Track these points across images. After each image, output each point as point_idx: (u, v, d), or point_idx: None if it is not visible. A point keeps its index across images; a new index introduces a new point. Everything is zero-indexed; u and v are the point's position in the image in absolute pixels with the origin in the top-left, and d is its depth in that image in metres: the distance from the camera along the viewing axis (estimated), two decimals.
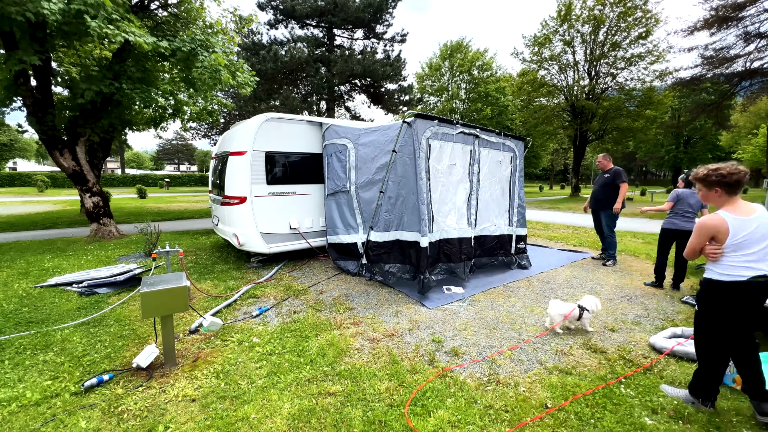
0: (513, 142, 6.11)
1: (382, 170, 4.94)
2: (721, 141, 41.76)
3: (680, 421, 2.31)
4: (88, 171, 8.11)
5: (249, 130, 5.58)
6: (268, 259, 6.11)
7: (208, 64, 6.92)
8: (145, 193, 21.69)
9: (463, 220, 5.23)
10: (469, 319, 3.89)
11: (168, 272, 4.58)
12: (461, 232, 5.14)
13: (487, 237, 5.65)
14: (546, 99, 26.42)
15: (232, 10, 9.03)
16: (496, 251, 5.81)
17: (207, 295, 4.52)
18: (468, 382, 2.71)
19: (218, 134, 26.60)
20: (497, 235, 5.81)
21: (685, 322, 3.87)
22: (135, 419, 2.28)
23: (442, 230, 4.90)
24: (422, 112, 4.84)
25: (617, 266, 6.16)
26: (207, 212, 13.62)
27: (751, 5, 15.07)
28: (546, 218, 13.81)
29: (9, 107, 7.98)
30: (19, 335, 3.39)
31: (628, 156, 58.49)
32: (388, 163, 4.81)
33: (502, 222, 5.92)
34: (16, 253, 6.64)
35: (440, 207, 4.89)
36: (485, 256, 5.68)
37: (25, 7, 5.11)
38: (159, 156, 74.72)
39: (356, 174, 5.39)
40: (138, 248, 7.12)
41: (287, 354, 3.10)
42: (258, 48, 20.56)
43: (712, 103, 21.88)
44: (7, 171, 40.47)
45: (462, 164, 5.21)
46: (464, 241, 5.14)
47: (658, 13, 21.40)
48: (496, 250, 5.81)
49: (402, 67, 22.65)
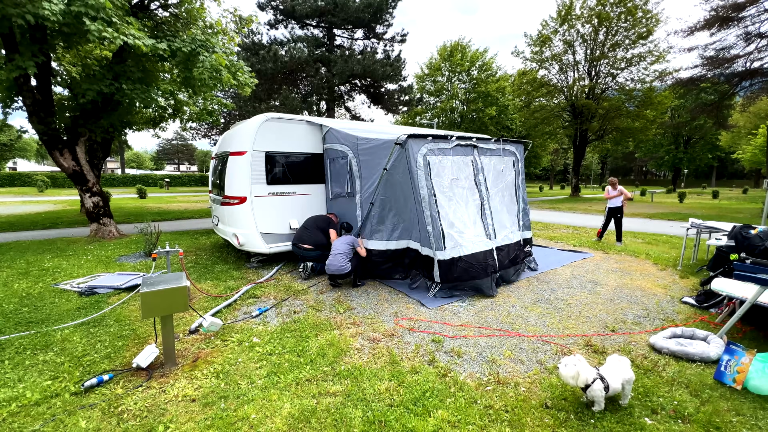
0: (513, 146, 6.01)
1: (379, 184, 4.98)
2: (721, 141, 41.73)
3: (680, 421, 2.31)
4: (88, 171, 8.11)
5: (249, 130, 5.58)
6: (268, 259, 6.11)
7: (209, 65, 6.93)
8: (145, 193, 21.68)
9: (480, 232, 5.01)
10: (469, 319, 3.89)
11: (168, 272, 4.58)
12: (481, 245, 4.85)
13: (508, 246, 5.33)
14: (546, 99, 26.43)
15: (232, 10, 9.05)
16: (517, 259, 5.44)
17: (207, 295, 4.52)
18: (468, 382, 2.71)
19: (218, 134, 26.57)
20: (515, 242, 5.51)
21: (685, 321, 3.87)
22: (135, 419, 2.28)
23: (460, 246, 4.62)
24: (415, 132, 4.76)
25: (617, 266, 6.16)
26: (207, 212, 13.62)
27: (752, 5, 15.06)
28: (546, 218, 13.80)
29: (10, 107, 7.99)
30: (19, 335, 3.39)
31: (628, 156, 58.51)
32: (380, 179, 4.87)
33: (515, 228, 5.74)
34: (16, 253, 6.64)
35: (453, 222, 4.68)
36: (511, 266, 5.28)
37: (25, 9, 5.11)
38: (159, 156, 74.66)
39: (360, 183, 5.34)
40: (138, 248, 7.12)
41: (287, 354, 3.10)
42: (258, 48, 20.56)
43: (712, 103, 21.87)
44: (7, 171, 40.44)
45: (466, 176, 5.07)
46: (488, 255, 4.84)
47: (658, 13, 21.46)
48: (517, 258, 5.44)
49: (402, 67, 22.65)
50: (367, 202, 5.17)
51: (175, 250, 4.52)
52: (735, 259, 4.16)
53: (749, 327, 3.61)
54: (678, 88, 20.61)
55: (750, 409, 2.42)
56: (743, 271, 3.17)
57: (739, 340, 3.33)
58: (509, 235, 5.48)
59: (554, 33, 24.38)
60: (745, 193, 36.36)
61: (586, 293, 4.77)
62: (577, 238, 8.85)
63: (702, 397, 2.54)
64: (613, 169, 66.05)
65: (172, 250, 4.53)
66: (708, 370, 2.87)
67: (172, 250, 4.53)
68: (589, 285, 5.13)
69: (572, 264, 6.31)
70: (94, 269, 5.69)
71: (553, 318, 3.95)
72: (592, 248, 7.63)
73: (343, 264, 4.65)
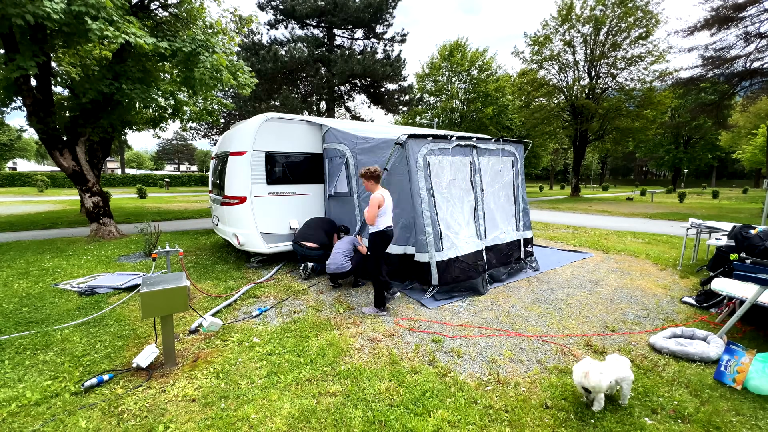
0: (512, 146, 5.99)
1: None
2: (721, 141, 41.77)
3: (680, 421, 2.31)
4: (88, 171, 8.11)
5: (249, 130, 5.58)
6: (268, 259, 6.11)
7: (210, 65, 6.93)
8: (145, 193, 21.68)
9: (472, 233, 5.07)
10: (469, 319, 3.89)
11: (168, 272, 4.58)
12: (473, 246, 4.96)
13: (498, 246, 5.44)
14: (546, 99, 26.42)
15: (232, 10, 9.04)
16: (509, 259, 5.57)
17: (207, 295, 4.52)
18: (468, 382, 2.71)
19: (218, 134, 26.60)
20: (508, 243, 5.61)
21: (685, 321, 3.87)
22: (135, 419, 2.28)
23: (456, 247, 4.70)
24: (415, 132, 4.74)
25: (617, 266, 6.16)
26: (207, 212, 13.62)
27: (751, 5, 15.05)
28: (546, 218, 13.80)
29: (9, 107, 7.99)
30: (19, 335, 3.39)
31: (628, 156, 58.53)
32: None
33: (510, 228, 5.76)
34: (16, 253, 6.64)
35: (450, 224, 4.73)
36: (501, 266, 5.39)
37: (25, 9, 5.10)
38: (159, 156, 74.68)
39: (358, 182, 5.32)
40: (138, 248, 7.12)
41: (287, 354, 3.10)
42: (258, 48, 20.57)
43: (712, 103, 21.85)
44: (7, 171, 40.40)
45: (463, 177, 5.09)
46: (477, 255, 4.95)
47: (658, 13, 21.45)
48: (509, 258, 5.58)
49: (402, 67, 22.66)
50: (365, 203, 5.17)
51: (175, 250, 4.52)
52: (735, 259, 4.16)
53: (749, 327, 3.61)
54: (678, 88, 20.60)
55: (750, 409, 2.42)
56: (743, 271, 3.16)
57: (739, 340, 3.33)
58: (500, 236, 5.51)
59: (554, 33, 24.38)
60: (745, 193, 36.36)
61: (586, 293, 4.77)
62: (577, 238, 8.85)
63: (702, 397, 2.54)
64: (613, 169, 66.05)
65: (172, 250, 4.53)
66: (708, 370, 2.87)
67: (172, 250, 4.53)
68: (589, 285, 5.13)
69: (572, 264, 6.31)
70: (94, 269, 5.69)
71: (553, 318, 3.96)
72: (592, 248, 7.63)
73: (343, 262, 4.65)
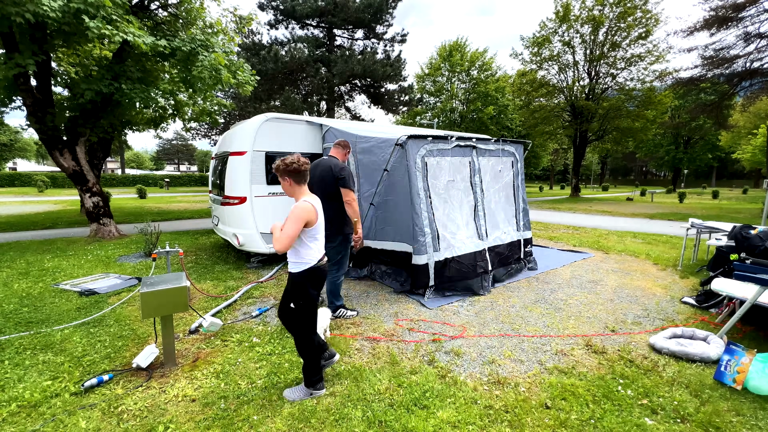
0: (512, 146, 5.98)
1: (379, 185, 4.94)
2: (721, 141, 41.74)
3: (680, 421, 2.31)
4: (88, 171, 8.11)
5: (249, 130, 5.58)
6: (268, 259, 6.11)
7: (209, 64, 6.92)
8: (145, 193, 21.67)
9: (472, 233, 5.06)
10: (470, 319, 3.89)
11: (168, 272, 4.58)
12: (473, 246, 4.92)
13: (499, 246, 5.41)
14: (546, 99, 26.41)
15: (232, 10, 9.05)
16: (510, 260, 5.55)
17: (207, 295, 4.52)
18: (468, 382, 2.71)
19: (218, 134, 26.60)
20: (508, 243, 5.59)
21: (685, 322, 3.87)
22: (135, 419, 2.28)
23: (453, 247, 4.69)
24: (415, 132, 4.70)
25: (617, 266, 6.16)
26: (207, 212, 13.61)
27: (751, 5, 15.05)
28: (546, 218, 13.80)
29: (8, 107, 7.99)
30: (19, 335, 3.39)
31: (628, 156, 58.52)
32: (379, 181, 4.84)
33: (510, 228, 5.74)
34: (16, 253, 6.64)
35: (446, 224, 4.72)
36: (501, 266, 5.38)
37: (24, 7, 5.11)
38: (159, 156, 74.68)
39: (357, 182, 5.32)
40: (138, 248, 7.12)
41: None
42: (258, 48, 20.58)
43: (712, 103, 21.84)
44: (7, 171, 40.39)
45: (462, 177, 5.07)
46: (478, 255, 4.91)
47: (658, 13, 21.45)
48: (510, 259, 5.55)
49: (402, 67, 22.67)
50: (366, 201, 5.17)
51: (175, 250, 4.52)
52: (735, 259, 4.15)
53: (749, 327, 3.61)
54: (678, 88, 20.61)
55: (750, 409, 2.42)
56: (743, 271, 3.16)
57: (739, 340, 3.33)
58: (502, 236, 5.50)
59: (553, 34, 24.33)
60: (745, 193, 36.38)
61: (586, 293, 4.77)
62: (577, 238, 8.85)
63: (702, 397, 2.54)
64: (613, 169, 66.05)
65: (172, 250, 4.53)
66: (708, 370, 2.87)
67: (172, 250, 4.53)
68: (589, 285, 5.13)
69: (572, 264, 6.31)
70: (94, 269, 5.69)
71: (553, 318, 3.95)
72: (592, 248, 7.63)
73: None
